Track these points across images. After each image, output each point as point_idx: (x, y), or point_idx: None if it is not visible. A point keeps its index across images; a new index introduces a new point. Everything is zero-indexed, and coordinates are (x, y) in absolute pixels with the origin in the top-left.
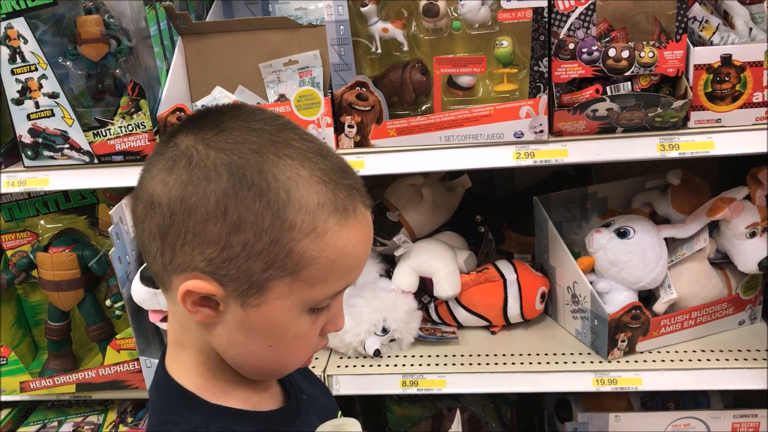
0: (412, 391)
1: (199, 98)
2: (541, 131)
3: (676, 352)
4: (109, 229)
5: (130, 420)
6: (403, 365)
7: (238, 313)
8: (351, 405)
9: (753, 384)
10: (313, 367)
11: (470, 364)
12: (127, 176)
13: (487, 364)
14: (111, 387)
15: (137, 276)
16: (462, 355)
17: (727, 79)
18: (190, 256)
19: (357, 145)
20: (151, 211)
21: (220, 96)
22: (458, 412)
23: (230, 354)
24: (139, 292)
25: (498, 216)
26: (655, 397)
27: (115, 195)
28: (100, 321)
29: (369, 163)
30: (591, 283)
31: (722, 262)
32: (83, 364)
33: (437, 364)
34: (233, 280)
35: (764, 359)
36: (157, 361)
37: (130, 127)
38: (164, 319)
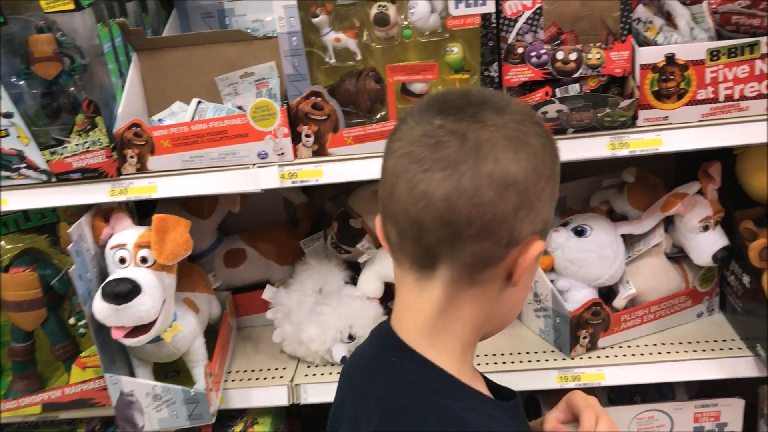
0: None
1: (157, 113)
2: None
3: (638, 346)
4: (69, 247)
5: None
6: None
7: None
8: (323, 414)
9: (713, 374)
10: (281, 377)
11: None
12: (86, 193)
13: None
14: (78, 406)
15: (98, 293)
16: None
17: (672, 77)
18: (532, 222)
19: (315, 154)
20: (505, 192)
21: (178, 110)
22: None
23: (503, 312)
24: (100, 308)
25: None
26: (620, 390)
27: (76, 213)
28: (65, 340)
29: (327, 172)
30: (551, 281)
31: (679, 256)
32: (49, 384)
33: None
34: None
35: (722, 350)
36: (122, 377)
37: (86, 145)
38: (128, 335)
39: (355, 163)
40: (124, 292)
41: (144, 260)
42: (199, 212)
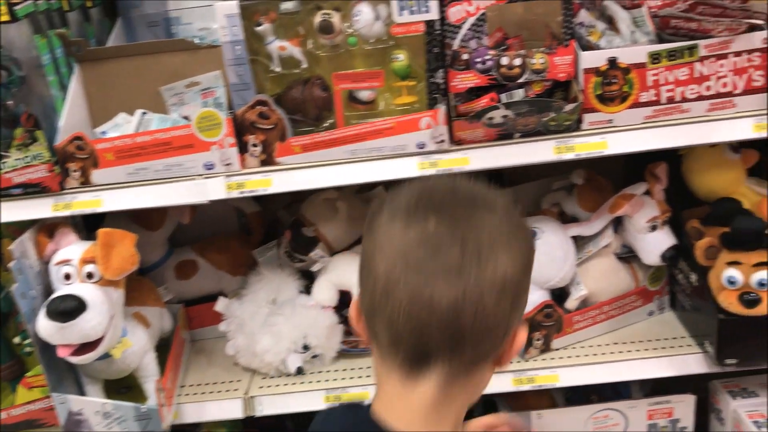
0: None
1: (100, 125)
2: (442, 141)
3: (590, 346)
4: (10, 265)
5: None
6: (326, 380)
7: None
8: (282, 425)
9: (664, 372)
10: (236, 390)
11: None
12: (29, 209)
13: None
14: (25, 427)
15: (42, 311)
16: None
17: (614, 81)
18: (521, 312)
19: (263, 163)
20: (504, 293)
21: (122, 122)
22: None
23: (485, 385)
24: (45, 327)
25: None
26: (577, 391)
27: (18, 228)
28: (10, 359)
29: (276, 181)
30: None
31: (628, 256)
32: None
33: (360, 377)
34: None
35: (673, 347)
36: (70, 396)
37: (27, 159)
38: (74, 353)
39: (305, 172)
40: (69, 309)
41: (90, 276)
42: (149, 224)
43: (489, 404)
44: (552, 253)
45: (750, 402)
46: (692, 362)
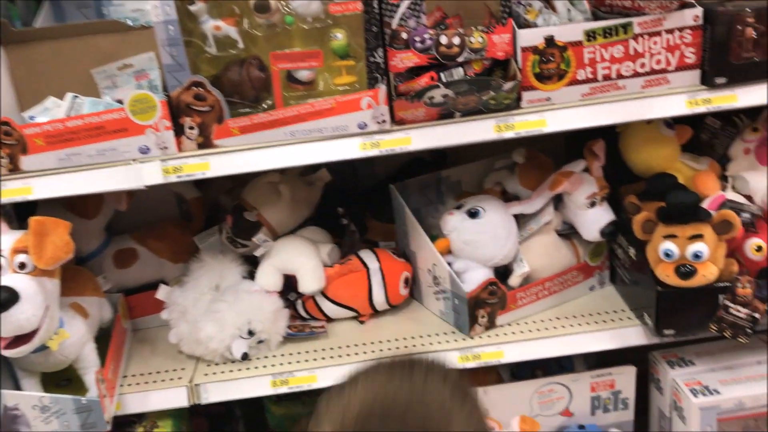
0: (283, 390)
1: (29, 109)
2: (384, 121)
3: (534, 322)
4: None
5: None
6: (273, 365)
7: None
8: (230, 411)
9: (606, 345)
10: (180, 378)
11: (340, 356)
12: None
13: (356, 354)
14: None
15: None
16: (332, 348)
17: (552, 59)
18: None
19: (200, 146)
20: None
21: (52, 106)
22: None
23: None
24: None
25: (361, 206)
26: (522, 366)
27: None
28: None
29: (214, 165)
30: (449, 264)
31: (569, 232)
32: None
33: (307, 360)
34: None
35: (614, 320)
36: (3, 391)
37: None
38: (8, 346)
39: (245, 155)
40: (1, 301)
41: (22, 266)
42: (84, 212)
43: None
44: (495, 231)
45: (687, 371)
46: (632, 335)
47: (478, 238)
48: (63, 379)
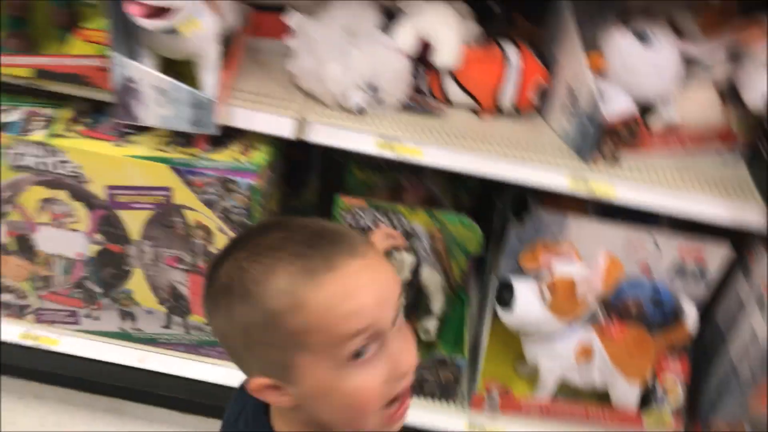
0: (388, 154)
1: None
2: None
3: (656, 172)
4: None
5: (87, 120)
6: (383, 127)
7: (298, 392)
8: (310, 161)
9: (721, 214)
10: (289, 109)
11: (447, 143)
12: None
13: (463, 146)
14: (71, 80)
15: None
16: (446, 134)
17: None
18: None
19: None
20: None
21: None
22: None
23: (323, 421)
24: None
25: None
26: (610, 211)
27: None
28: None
29: None
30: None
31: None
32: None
33: (417, 133)
34: (271, 372)
35: (738, 196)
36: (131, 61)
37: None
38: (147, 16)
39: None
40: None
41: None
42: None
43: (521, 199)
44: (662, 64)
45: None
46: (751, 216)
47: (641, 65)
48: (174, 73)
